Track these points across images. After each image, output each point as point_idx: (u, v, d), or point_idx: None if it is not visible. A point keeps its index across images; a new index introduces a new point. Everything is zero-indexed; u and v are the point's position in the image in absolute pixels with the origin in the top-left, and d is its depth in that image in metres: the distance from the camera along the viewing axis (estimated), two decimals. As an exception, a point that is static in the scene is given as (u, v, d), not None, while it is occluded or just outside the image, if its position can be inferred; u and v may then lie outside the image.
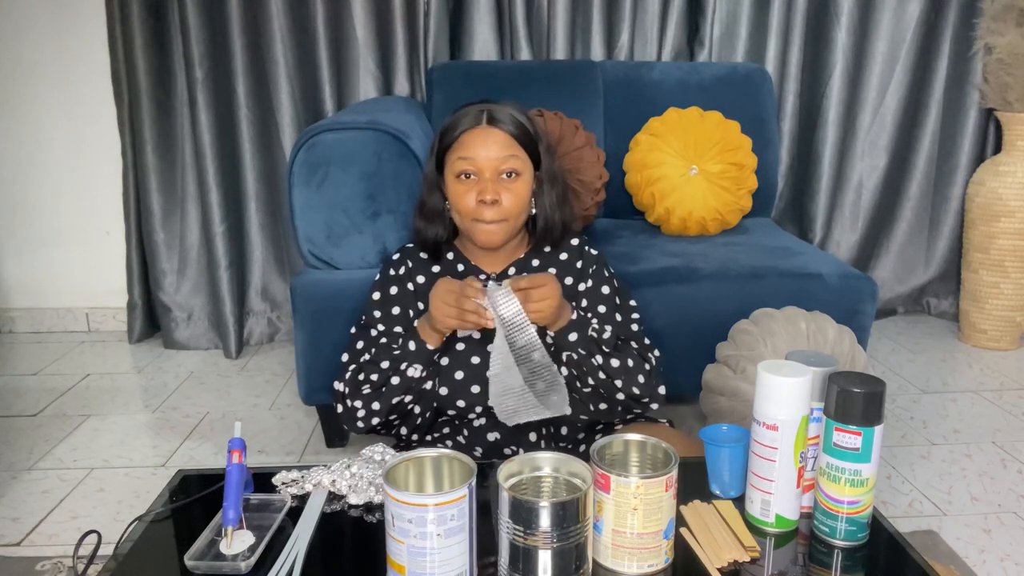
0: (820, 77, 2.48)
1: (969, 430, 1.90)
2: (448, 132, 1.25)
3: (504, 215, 1.24)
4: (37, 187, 2.49)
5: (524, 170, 1.25)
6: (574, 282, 1.33)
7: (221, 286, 2.36)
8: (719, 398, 1.46)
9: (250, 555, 0.84)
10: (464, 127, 1.24)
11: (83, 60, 2.38)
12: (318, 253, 1.62)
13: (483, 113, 1.24)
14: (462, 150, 1.23)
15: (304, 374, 1.69)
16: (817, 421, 0.91)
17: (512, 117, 1.25)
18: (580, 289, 1.33)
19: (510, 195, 1.23)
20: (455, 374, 1.25)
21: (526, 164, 1.26)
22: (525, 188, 1.26)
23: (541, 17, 2.34)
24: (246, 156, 2.34)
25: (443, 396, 1.26)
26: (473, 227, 1.25)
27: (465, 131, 1.23)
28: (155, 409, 2.03)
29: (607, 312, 1.32)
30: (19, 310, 2.60)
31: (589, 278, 1.33)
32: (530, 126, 1.27)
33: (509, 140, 1.24)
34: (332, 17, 2.28)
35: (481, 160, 1.22)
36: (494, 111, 1.24)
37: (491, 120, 1.24)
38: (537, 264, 1.33)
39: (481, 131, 1.23)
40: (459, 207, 1.25)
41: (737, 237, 2.00)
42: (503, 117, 1.24)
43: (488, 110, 1.25)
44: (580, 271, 1.34)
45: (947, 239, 2.64)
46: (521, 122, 1.25)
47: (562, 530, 0.76)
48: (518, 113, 1.27)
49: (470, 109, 1.26)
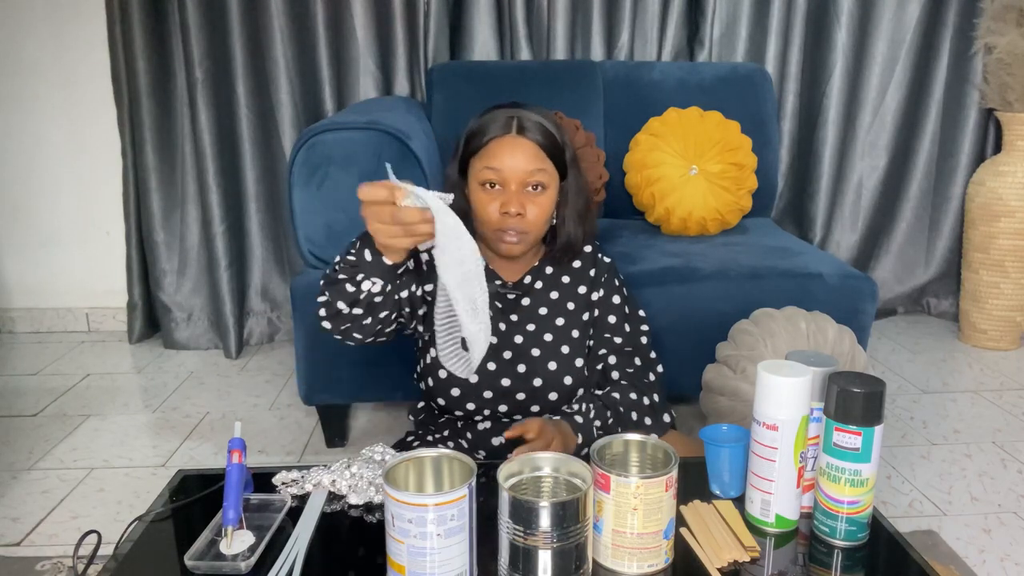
0: (820, 77, 2.48)
1: (969, 430, 1.90)
2: (475, 138, 1.21)
3: (527, 228, 1.21)
4: (37, 187, 2.49)
5: (550, 183, 1.22)
6: (587, 291, 1.32)
7: (221, 286, 2.36)
8: (719, 398, 1.46)
9: (250, 555, 0.84)
10: (492, 134, 1.20)
11: (83, 60, 2.38)
12: (318, 253, 1.62)
13: (513, 121, 1.20)
14: (489, 159, 1.19)
15: (304, 374, 1.69)
16: (817, 421, 0.91)
17: (541, 126, 1.21)
18: (593, 298, 1.32)
19: (535, 208, 1.20)
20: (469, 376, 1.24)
21: (552, 177, 1.22)
22: (549, 201, 1.23)
23: (541, 17, 2.34)
24: (246, 156, 2.34)
25: (454, 397, 1.25)
26: (495, 236, 1.23)
27: (493, 139, 1.19)
28: (155, 409, 2.03)
29: (617, 322, 1.31)
30: (19, 310, 2.60)
31: (601, 287, 1.32)
32: (558, 135, 1.23)
33: (537, 152, 1.20)
34: (332, 17, 2.28)
35: (508, 171, 1.18)
36: (524, 120, 1.20)
37: (520, 129, 1.19)
38: (551, 272, 1.32)
39: (510, 140, 1.19)
40: (482, 215, 1.22)
41: (737, 237, 2.00)
42: (533, 126, 1.20)
43: (518, 118, 1.20)
44: (593, 279, 1.32)
45: (947, 239, 2.64)
46: (550, 132, 1.21)
47: (562, 530, 0.76)
48: (547, 122, 1.22)
49: (499, 114, 1.21)
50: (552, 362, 1.26)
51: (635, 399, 1.28)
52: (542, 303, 1.30)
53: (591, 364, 1.31)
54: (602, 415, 1.23)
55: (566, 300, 1.31)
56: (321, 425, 1.84)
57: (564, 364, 1.27)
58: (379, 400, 1.97)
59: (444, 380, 1.26)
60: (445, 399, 1.27)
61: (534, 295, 1.30)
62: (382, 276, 1.05)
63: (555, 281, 1.31)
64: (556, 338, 1.28)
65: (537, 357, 1.26)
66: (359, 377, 1.70)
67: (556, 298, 1.30)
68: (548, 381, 1.26)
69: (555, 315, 1.29)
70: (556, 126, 1.23)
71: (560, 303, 1.30)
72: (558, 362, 1.26)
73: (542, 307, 1.29)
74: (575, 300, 1.31)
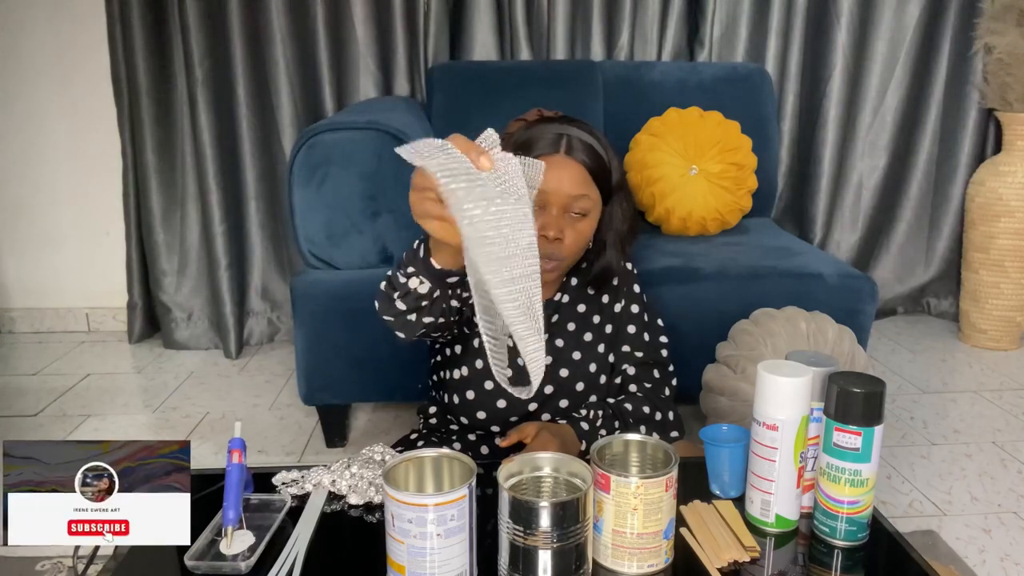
0: (820, 77, 2.48)
1: (969, 430, 1.90)
2: (519, 152, 1.13)
3: (563, 254, 1.16)
4: (37, 187, 2.49)
5: (592, 209, 1.16)
6: (610, 301, 1.28)
7: (221, 286, 2.36)
8: (719, 398, 1.46)
9: (250, 555, 0.84)
10: (539, 151, 1.13)
11: (83, 60, 2.38)
12: (318, 253, 1.62)
13: (562, 140, 1.14)
14: None
15: (304, 374, 1.69)
16: (817, 421, 0.91)
17: (590, 148, 1.15)
18: (616, 310, 1.28)
19: (573, 233, 1.15)
20: (485, 383, 1.20)
21: (596, 204, 1.17)
22: (590, 228, 1.18)
23: (541, 17, 2.34)
24: (246, 156, 2.34)
25: (479, 419, 1.22)
26: None
27: (539, 156, 1.09)
28: (155, 409, 2.03)
29: (636, 332, 1.28)
30: (19, 310, 2.60)
31: (624, 297, 1.28)
32: (606, 157, 1.17)
33: (584, 176, 1.14)
34: (332, 17, 2.28)
35: (552, 193, 1.12)
36: (574, 139, 1.14)
37: (569, 149, 1.13)
38: (576, 283, 1.27)
39: (558, 161, 1.12)
40: None
41: (737, 237, 2.00)
42: (582, 147, 1.14)
43: (568, 137, 1.14)
44: (616, 289, 1.28)
45: (947, 239, 2.63)
46: (599, 154, 1.15)
47: (562, 530, 0.76)
48: (596, 142, 1.16)
49: (547, 130, 1.15)
50: (580, 382, 1.23)
51: (647, 413, 1.24)
52: (571, 318, 1.26)
53: (611, 376, 1.28)
54: (609, 425, 1.20)
55: (592, 314, 1.27)
56: (321, 425, 1.84)
57: (591, 384, 1.24)
58: (379, 400, 1.97)
59: (471, 401, 1.21)
60: (468, 417, 1.23)
61: (562, 310, 1.26)
62: (430, 278, 0.94)
63: (582, 294, 1.27)
64: (584, 356, 1.24)
65: (565, 378, 1.22)
66: (359, 377, 1.70)
67: (584, 312, 1.26)
68: (574, 402, 1.23)
69: (583, 331, 1.25)
70: (604, 147, 1.18)
71: (587, 317, 1.26)
72: (585, 382, 1.23)
73: (571, 323, 1.25)
74: (601, 313, 1.27)
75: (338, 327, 1.64)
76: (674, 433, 1.28)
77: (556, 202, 1.13)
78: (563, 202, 1.13)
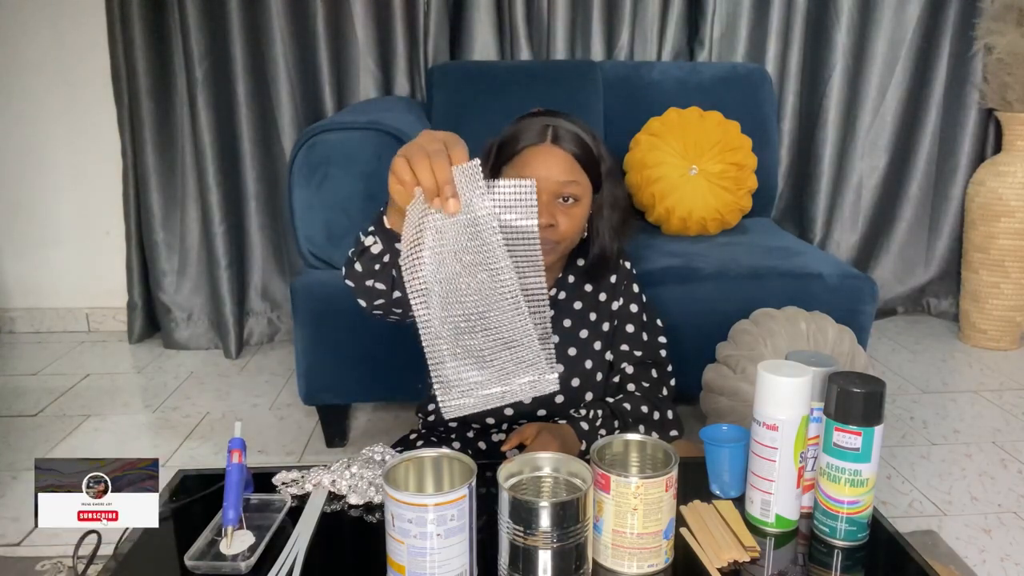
0: (820, 77, 2.48)
1: (969, 430, 1.90)
2: (508, 145, 1.18)
3: (558, 239, 1.17)
4: (37, 187, 2.49)
5: (583, 195, 1.18)
6: (607, 299, 1.28)
7: (221, 286, 2.36)
8: (719, 398, 1.46)
9: (250, 555, 0.84)
10: (526, 143, 1.16)
11: (83, 60, 2.38)
12: (318, 253, 1.62)
13: (548, 129, 1.16)
14: (521, 167, 1.15)
15: (304, 374, 1.69)
16: (817, 421, 0.91)
17: (577, 137, 1.17)
18: (613, 308, 1.28)
19: (566, 219, 1.17)
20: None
21: (586, 189, 1.19)
22: (582, 213, 1.20)
23: (541, 17, 2.34)
24: (246, 156, 2.34)
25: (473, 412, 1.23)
26: None
27: (527, 147, 1.16)
28: (155, 409, 2.03)
29: (635, 332, 1.28)
30: (19, 310, 2.60)
31: (621, 295, 1.29)
32: (594, 146, 1.19)
33: (572, 163, 1.16)
34: (332, 17, 2.28)
35: (540, 181, 1.12)
36: (559, 128, 1.16)
37: (555, 139, 1.16)
38: (573, 280, 1.28)
39: (544, 149, 1.15)
40: None
41: (737, 237, 2.00)
42: (568, 136, 1.16)
43: (554, 127, 1.16)
44: (614, 287, 1.29)
45: (947, 239, 2.64)
46: (585, 142, 1.18)
47: (562, 530, 0.76)
48: (583, 132, 1.19)
49: (534, 122, 1.17)
50: (576, 378, 1.23)
51: (646, 412, 1.24)
52: (567, 314, 1.26)
53: (608, 374, 1.28)
54: (608, 425, 1.20)
55: (589, 310, 1.27)
56: (321, 425, 1.84)
57: (587, 380, 1.24)
58: (379, 400, 1.97)
59: None
60: None
61: (559, 307, 1.26)
62: (382, 238, 0.98)
63: (578, 290, 1.28)
64: (580, 352, 1.24)
65: (561, 374, 1.21)
66: (359, 377, 1.70)
67: (580, 308, 1.27)
68: (570, 398, 1.23)
69: (579, 327, 1.26)
70: (592, 136, 1.20)
71: (584, 314, 1.27)
72: (581, 379, 1.24)
73: (566, 319, 1.26)
74: (597, 310, 1.28)
75: (338, 327, 1.64)
76: (673, 432, 1.28)
77: (546, 188, 1.14)
78: (552, 188, 1.15)
